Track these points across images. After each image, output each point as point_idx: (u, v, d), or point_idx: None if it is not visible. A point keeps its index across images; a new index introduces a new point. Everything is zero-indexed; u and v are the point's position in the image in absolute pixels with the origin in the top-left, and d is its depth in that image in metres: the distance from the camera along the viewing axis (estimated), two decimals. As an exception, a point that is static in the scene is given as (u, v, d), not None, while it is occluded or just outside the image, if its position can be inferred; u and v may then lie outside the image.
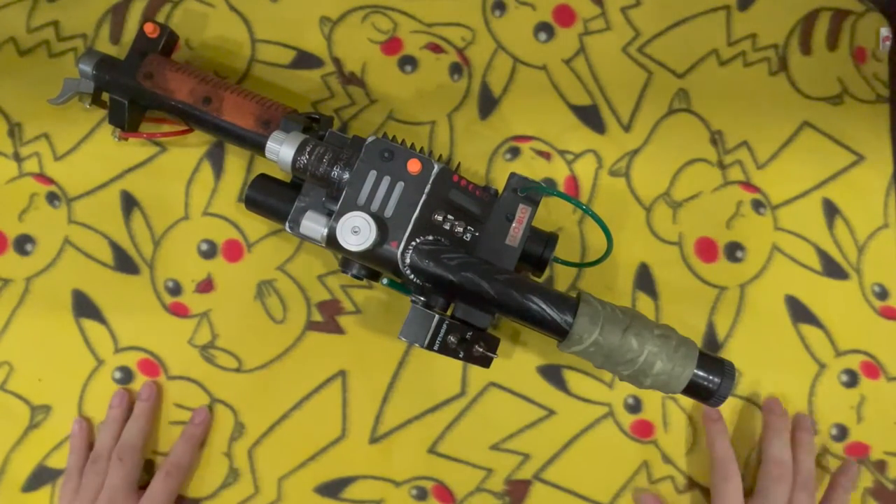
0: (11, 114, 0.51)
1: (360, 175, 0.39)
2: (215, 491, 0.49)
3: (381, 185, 0.39)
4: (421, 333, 0.37)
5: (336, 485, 0.49)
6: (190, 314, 0.50)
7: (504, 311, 0.39)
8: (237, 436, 0.49)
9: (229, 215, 0.51)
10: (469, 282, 0.38)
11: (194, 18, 0.52)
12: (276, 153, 0.40)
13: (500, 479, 0.49)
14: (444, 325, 0.38)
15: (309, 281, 0.50)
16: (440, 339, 0.38)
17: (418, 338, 0.37)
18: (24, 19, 0.52)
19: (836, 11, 0.53)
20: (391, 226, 0.38)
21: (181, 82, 0.45)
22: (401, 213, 0.39)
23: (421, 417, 0.49)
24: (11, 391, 0.50)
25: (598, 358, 0.38)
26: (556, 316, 0.37)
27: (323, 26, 0.52)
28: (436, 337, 0.38)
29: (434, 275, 0.39)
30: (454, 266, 0.38)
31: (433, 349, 0.38)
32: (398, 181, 0.39)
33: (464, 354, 0.39)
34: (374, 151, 0.39)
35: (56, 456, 0.49)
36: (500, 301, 0.38)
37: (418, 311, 0.38)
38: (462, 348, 0.39)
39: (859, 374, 0.50)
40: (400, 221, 0.39)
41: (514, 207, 0.42)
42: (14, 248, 0.51)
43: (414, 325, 0.38)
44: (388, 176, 0.39)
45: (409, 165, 0.39)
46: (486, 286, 0.38)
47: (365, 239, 0.37)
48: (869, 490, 0.49)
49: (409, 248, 0.38)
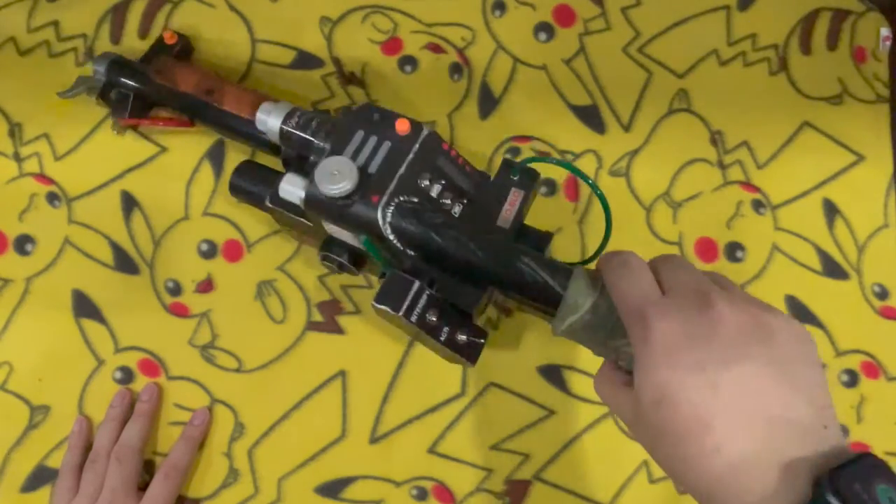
0: (11, 114, 0.51)
1: (345, 134, 0.38)
2: (215, 491, 0.49)
3: (368, 144, 0.37)
4: (398, 299, 0.35)
5: (336, 485, 0.49)
6: (190, 314, 0.50)
7: (492, 277, 0.36)
8: (237, 436, 0.49)
9: (229, 215, 0.51)
10: (454, 243, 0.35)
11: (194, 18, 0.52)
12: (265, 122, 0.39)
13: (500, 479, 0.49)
14: (425, 295, 0.35)
15: (309, 281, 0.50)
16: (419, 311, 0.35)
17: (395, 303, 0.35)
18: (24, 19, 0.52)
19: (836, 11, 0.53)
20: (374, 181, 0.36)
21: (188, 76, 0.46)
22: (385, 169, 0.36)
23: (421, 417, 0.49)
24: (11, 391, 0.50)
25: (598, 332, 0.33)
26: (549, 278, 0.34)
27: (323, 26, 0.52)
28: (414, 306, 0.35)
29: (417, 235, 0.36)
30: (439, 224, 0.36)
31: (411, 319, 0.35)
32: (385, 140, 0.37)
33: (446, 338, 0.37)
34: (361, 113, 0.38)
35: (56, 456, 0.49)
36: (488, 264, 0.35)
37: (397, 276, 0.35)
38: (444, 329, 0.36)
39: (859, 374, 0.50)
40: (384, 178, 0.36)
41: (507, 191, 0.40)
42: (14, 248, 0.51)
43: (391, 290, 0.35)
44: (375, 136, 0.37)
45: (398, 125, 0.37)
46: (473, 246, 0.35)
47: (345, 183, 0.35)
48: (869, 490, 0.49)
49: (391, 205, 0.36)
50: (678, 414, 0.26)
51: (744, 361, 0.26)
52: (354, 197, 0.36)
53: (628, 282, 0.30)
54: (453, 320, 0.37)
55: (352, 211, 0.36)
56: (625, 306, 0.30)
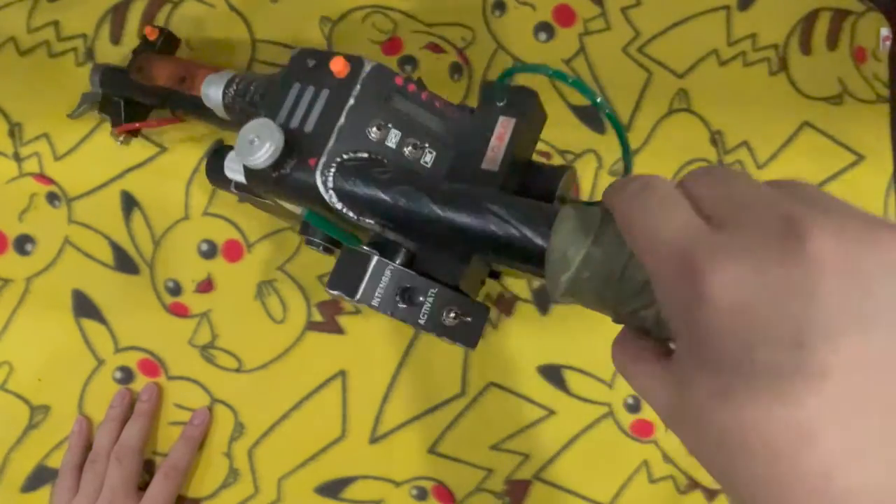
0: (11, 114, 0.51)
1: (278, 92, 0.32)
2: (215, 491, 0.49)
3: (304, 98, 0.31)
4: (353, 281, 0.29)
5: (336, 485, 0.49)
6: (190, 314, 0.50)
7: (463, 238, 0.29)
8: (237, 436, 0.49)
9: (229, 215, 0.51)
10: (406, 200, 0.29)
11: (194, 18, 0.52)
12: (208, 96, 0.35)
13: (500, 479, 0.49)
14: (388, 271, 0.29)
15: (309, 281, 0.50)
16: (381, 293, 0.29)
17: (349, 287, 0.29)
18: (24, 19, 0.52)
19: (836, 11, 0.53)
20: (311, 140, 0.30)
21: (162, 69, 0.46)
22: (323, 125, 0.30)
23: (421, 417, 0.49)
24: (11, 391, 0.50)
25: (605, 292, 0.23)
26: (527, 228, 0.27)
27: (323, 26, 0.52)
28: (374, 288, 0.29)
29: (364, 198, 0.30)
30: (385, 180, 0.30)
31: (372, 305, 0.29)
32: (323, 89, 0.31)
33: (427, 321, 0.30)
34: (295, 62, 0.32)
35: (56, 456, 0.49)
36: (445, 219, 0.28)
37: (350, 253, 0.30)
38: (422, 312, 0.30)
39: (859, 374, 0.50)
40: (322, 134, 0.30)
41: (494, 123, 0.32)
42: (14, 248, 0.51)
43: (345, 270, 0.29)
44: (312, 86, 0.31)
45: (333, 66, 0.31)
46: (426, 200, 0.29)
47: (266, 148, 0.29)
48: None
49: (331, 166, 0.30)
50: None
51: (866, 331, 0.16)
52: (288, 163, 0.30)
53: (656, 214, 0.20)
54: (440, 299, 0.30)
55: (289, 181, 0.30)
56: (654, 253, 0.19)
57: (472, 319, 0.31)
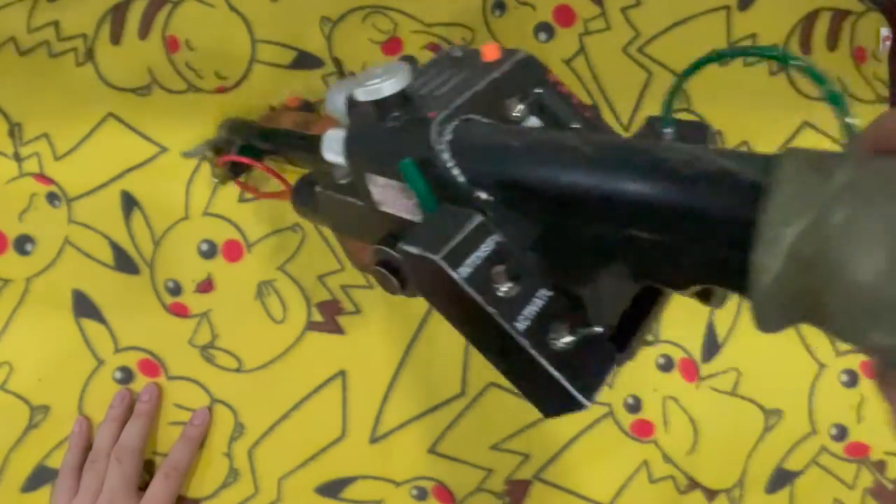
0: (11, 114, 0.51)
1: (414, 78, 0.28)
2: (215, 491, 0.49)
3: (441, 76, 0.28)
4: (438, 237, 0.22)
5: (336, 485, 0.49)
6: (190, 314, 0.50)
7: (605, 213, 0.21)
8: (237, 436, 0.49)
9: (229, 215, 0.51)
10: (544, 148, 0.23)
11: (194, 18, 0.52)
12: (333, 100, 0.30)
13: (500, 479, 0.49)
14: (490, 241, 0.23)
15: (309, 281, 0.50)
16: (474, 264, 0.22)
17: (429, 242, 0.22)
18: (24, 19, 0.52)
19: (836, 11, 0.53)
20: (436, 100, 0.26)
21: (290, 116, 0.47)
22: (457, 89, 0.27)
23: (421, 417, 0.49)
24: (11, 391, 0.50)
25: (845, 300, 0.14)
26: (741, 166, 0.18)
27: (323, 26, 0.52)
28: (465, 254, 0.22)
29: (484, 154, 0.24)
30: (518, 131, 0.25)
31: (458, 274, 0.21)
32: (465, 70, 0.28)
33: (528, 330, 0.22)
34: (442, 56, 0.31)
35: (56, 456, 0.49)
36: (594, 183, 0.21)
37: (444, 211, 0.24)
38: (522, 312, 0.22)
39: (859, 375, 0.50)
40: (452, 95, 0.26)
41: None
42: (14, 248, 0.51)
43: (432, 227, 0.24)
44: (453, 68, 0.29)
45: (485, 51, 0.28)
46: (578, 142, 0.22)
47: (392, 81, 0.25)
48: (869, 490, 0.49)
49: (452, 120, 0.25)
50: None
51: None
52: (405, 112, 0.26)
53: None
54: (552, 307, 0.22)
55: (399, 130, 0.26)
56: None
57: (590, 354, 0.22)
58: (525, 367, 0.23)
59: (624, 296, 0.25)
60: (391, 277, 0.29)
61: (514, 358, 0.23)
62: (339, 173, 0.32)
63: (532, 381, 0.24)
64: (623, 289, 0.25)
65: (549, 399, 0.24)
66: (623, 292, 0.25)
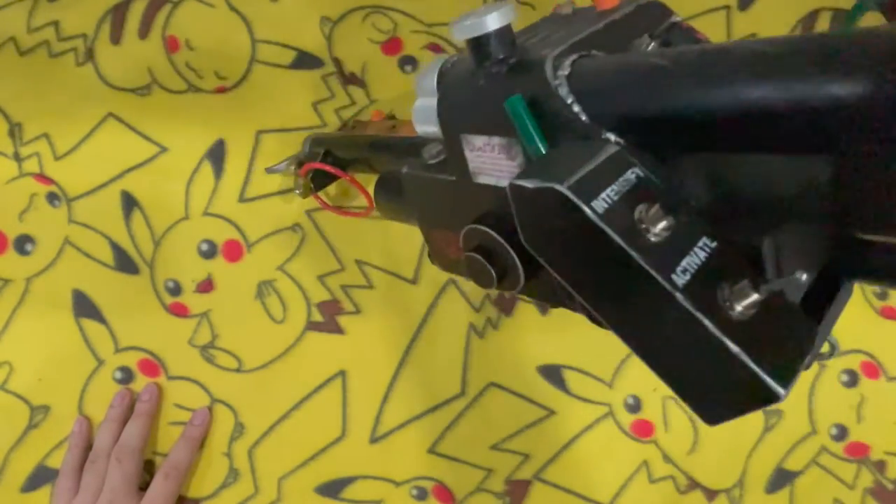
0: (11, 114, 0.51)
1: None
2: (215, 491, 0.49)
3: (549, 29, 0.26)
4: (564, 169, 0.18)
5: (336, 485, 0.49)
6: (190, 314, 0.50)
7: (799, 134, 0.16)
8: (237, 436, 0.49)
9: (229, 215, 0.51)
10: (699, 63, 0.18)
11: (194, 18, 0.52)
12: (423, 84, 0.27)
13: (500, 479, 0.49)
14: (633, 174, 0.18)
15: (309, 281, 0.50)
16: (617, 199, 0.18)
17: (553, 175, 0.18)
18: (24, 19, 0.52)
19: (836, 11, 0.53)
20: (549, 42, 0.23)
21: (376, 125, 0.47)
22: (568, 34, 0.23)
23: (421, 417, 0.49)
24: (11, 391, 0.50)
25: None
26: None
27: (323, 26, 0.52)
28: (602, 184, 0.18)
29: (615, 79, 0.20)
30: (659, 52, 0.22)
31: (592, 208, 0.17)
32: (578, 21, 0.26)
33: (690, 286, 0.17)
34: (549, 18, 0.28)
35: (56, 456, 0.49)
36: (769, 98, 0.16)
37: (569, 147, 0.20)
38: (681, 263, 0.17)
39: (859, 374, 0.50)
40: (563, 39, 0.23)
41: None
42: (14, 248, 0.51)
43: (553, 161, 0.20)
44: (565, 22, 0.26)
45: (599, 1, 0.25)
46: (744, 48, 0.17)
47: (492, 11, 0.22)
48: (869, 490, 0.49)
49: (569, 55, 0.22)
50: None
51: None
52: (510, 54, 0.23)
53: None
54: (721, 260, 0.18)
55: (504, 74, 0.23)
56: None
57: (780, 324, 0.17)
58: (685, 344, 0.17)
59: (814, 255, 0.19)
60: (486, 265, 0.25)
61: (668, 331, 0.17)
62: (430, 152, 0.29)
63: (695, 366, 0.17)
64: (813, 244, 0.19)
65: (723, 391, 0.17)
66: (813, 249, 0.19)
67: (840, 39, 0.15)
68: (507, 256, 0.24)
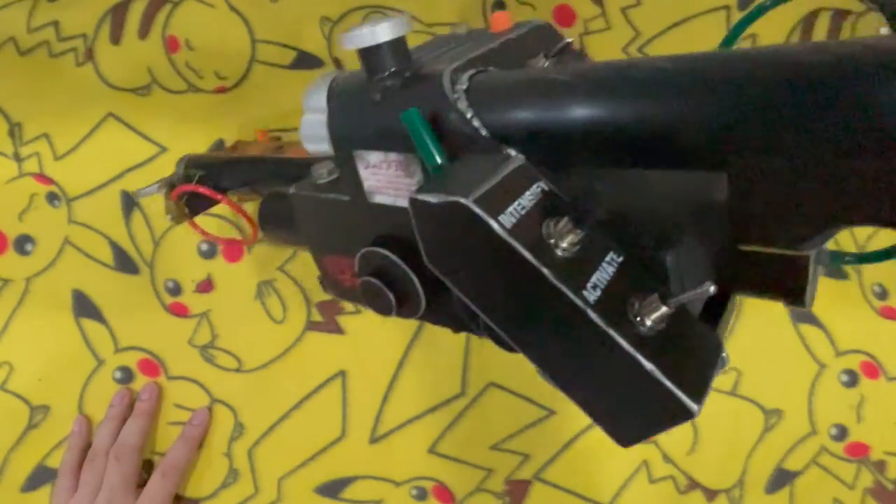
0: (11, 114, 0.51)
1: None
2: (215, 491, 0.49)
3: (444, 46, 0.26)
4: (468, 182, 0.18)
5: (336, 485, 0.49)
6: (190, 314, 0.50)
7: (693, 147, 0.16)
8: (237, 436, 0.49)
9: (229, 215, 0.51)
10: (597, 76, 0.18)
11: (194, 18, 0.52)
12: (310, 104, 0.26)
13: (500, 479, 0.49)
14: (536, 189, 0.18)
15: (309, 281, 0.50)
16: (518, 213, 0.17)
17: (456, 188, 0.17)
18: (24, 19, 0.52)
19: (836, 11, 0.53)
20: (443, 61, 0.23)
21: (258, 145, 0.45)
22: (465, 50, 0.24)
23: (421, 417, 0.49)
24: (11, 391, 0.50)
25: None
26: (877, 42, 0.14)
27: (323, 26, 0.52)
28: (508, 199, 0.17)
29: (513, 93, 0.20)
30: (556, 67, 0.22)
31: (499, 223, 0.17)
32: (474, 39, 0.26)
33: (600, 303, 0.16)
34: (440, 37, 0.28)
35: (56, 456, 0.49)
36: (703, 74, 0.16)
37: (471, 159, 0.20)
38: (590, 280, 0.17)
39: (859, 374, 0.50)
40: (460, 54, 0.23)
41: None
42: (14, 248, 0.51)
43: (455, 174, 0.19)
44: (461, 40, 0.26)
45: (493, 20, 0.26)
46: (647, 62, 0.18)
47: (386, 25, 0.22)
48: (869, 490, 0.49)
49: (467, 70, 0.22)
50: None
51: None
52: (404, 68, 0.22)
53: None
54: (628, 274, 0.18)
55: (399, 88, 0.22)
56: None
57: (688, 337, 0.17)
58: (597, 363, 0.17)
59: (711, 269, 0.19)
60: (384, 290, 0.24)
61: (579, 350, 0.17)
62: (320, 171, 0.28)
63: (607, 385, 0.17)
64: (713, 257, 0.19)
65: (637, 409, 0.17)
66: (712, 262, 0.19)
67: (734, 60, 0.16)
68: (406, 280, 0.23)
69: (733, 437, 0.49)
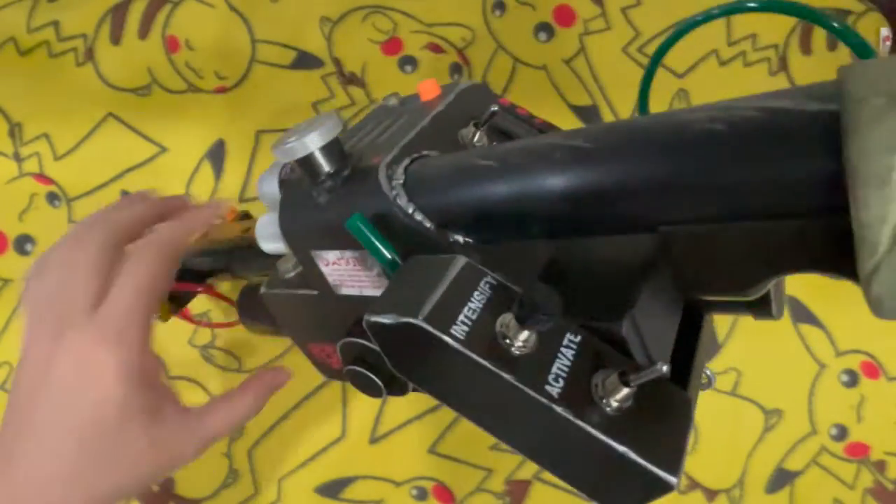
0: (11, 114, 0.51)
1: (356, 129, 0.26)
2: (215, 491, 0.49)
3: (380, 125, 0.26)
4: (416, 296, 0.18)
5: (336, 485, 0.49)
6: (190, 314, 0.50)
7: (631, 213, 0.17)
8: (237, 436, 0.49)
9: (229, 216, 0.51)
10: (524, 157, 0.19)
11: (194, 18, 0.52)
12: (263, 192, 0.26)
13: (500, 479, 0.49)
14: (484, 286, 0.18)
15: (309, 281, 0.50)
16: (475, 319, 0.17)
17: (406, 306, 0.17)
18: (24, 19, 0.52)
19: (836, 11, 0.53)
20: (379, 147, 0.23)
21: (229, 228, 0.42)
22: (400, 131, 0.24)
23: (421, 417, 0.49)
24: (11, 391, 0.50)
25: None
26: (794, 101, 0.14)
27: (323, 26, 0.52)
28: (457, 305, 0.17)
29: (447, 182, 0.20)
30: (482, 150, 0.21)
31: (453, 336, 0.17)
32: (404, 115, 0.26)
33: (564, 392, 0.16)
34: (376, 111, 0.28)
35: (56, 456, 0.49)
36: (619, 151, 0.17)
37: (417, 262, 0.20)
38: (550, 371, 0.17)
39: (859, 374, 0.50)
40: (396, 138, 0.23)
41: None
42: (14, 248, 0.51)
43: (405, 286, 0.19)
44: (391, 117, 0.26)
45: (421, 89, 0.26)
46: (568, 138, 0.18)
47: (312, 130, 0.21)
48: (869, 490, 0.49)
49: (401, 161, 0.22)
50: None
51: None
52: (342, 167, 0.22)
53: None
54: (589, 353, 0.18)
55: (340, 188, 0.22)
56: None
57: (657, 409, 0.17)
58: (575, 450, 0.16)
59: (670, 323, 0.20)
60: (370, 376, 0.24)
61: (553, 439, 0.17)
62: (285, 266, 0.28)
63: (588, 467, 0.17)
64: (668, 313, 0.20)
65: (621, 486, 0.16)
66: (668, 318, 0.20)
67: (653, 125, 0.16)
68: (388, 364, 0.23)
69: (733, 437, 0.49)
